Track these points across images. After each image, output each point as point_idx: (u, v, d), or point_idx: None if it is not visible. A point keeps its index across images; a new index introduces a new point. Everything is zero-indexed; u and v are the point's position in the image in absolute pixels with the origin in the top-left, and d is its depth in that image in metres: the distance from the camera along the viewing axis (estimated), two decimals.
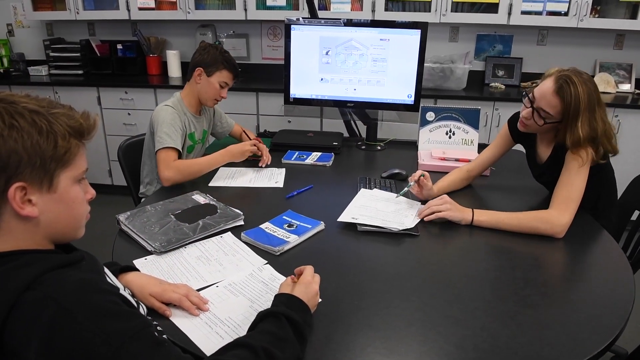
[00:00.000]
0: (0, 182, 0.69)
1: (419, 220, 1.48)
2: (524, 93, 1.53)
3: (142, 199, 2.00)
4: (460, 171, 1.79)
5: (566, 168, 1.47)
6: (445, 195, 1.52)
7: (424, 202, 1.60)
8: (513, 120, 1.74)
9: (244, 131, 2.22)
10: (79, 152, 0.77)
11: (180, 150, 1.82)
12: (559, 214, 1.41)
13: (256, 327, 0.88)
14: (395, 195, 1.59)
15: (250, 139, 2.07)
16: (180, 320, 1.00)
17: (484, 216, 1.46)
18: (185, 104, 1.97)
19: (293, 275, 1.04)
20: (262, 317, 0.89)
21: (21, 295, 0.66)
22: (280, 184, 1.79)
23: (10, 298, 0.66)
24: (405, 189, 1.60)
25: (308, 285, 0.99)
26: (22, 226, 0.73)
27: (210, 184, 1.76)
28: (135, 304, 0.90)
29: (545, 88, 1.44)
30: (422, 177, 1.60)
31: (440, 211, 1.46)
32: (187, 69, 1.99)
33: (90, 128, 0.78)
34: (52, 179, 0.73)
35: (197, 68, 1.92)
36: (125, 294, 0.88)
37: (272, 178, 1.85)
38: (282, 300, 0.94)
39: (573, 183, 1.44)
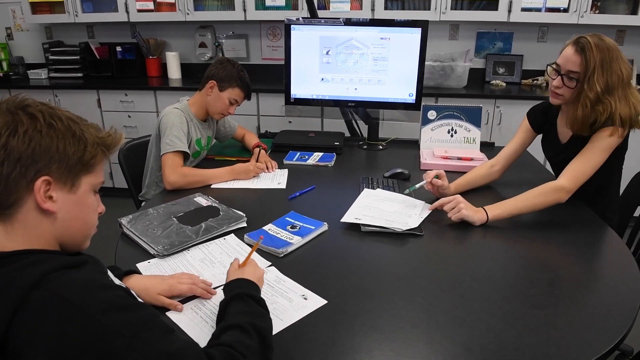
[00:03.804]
0: (30, 173, 0.72)
1: (423, 219, 1.47)
2: (547, 66, 1.60)
3: (142, 202, 2.00)
4: (482, 167, 1.80)
5: (589, 145, 1.51)
6: (458, 196, 1.51)
7: (428, 201, 1.60)
8: (532, 112, 1.80)
9: (258, 147, 2.08)
10: (102, 162, 0.81)
11: (188, 152, 1.82)
12: (565, 182, 1.48)
13: (225, 313, 0.90)
14: (406, 191, 1.60)
15: (256, 144, 2.08)
16: (184, 322, 1.00)
17: (498, 210, 1.48)
18: (192, 111, 1.97)
19: (237, 259, 1.09)
20: (227, 303, 0.92)
21: (28, 294, 0.67)
22: (283, 185, 1.79)
23: (16, 297, 0.66)
24: (416, 186, 1.60)
25: (256, 268, 1.07)
26: (38, 221, 0.75)
27: (212, 186, 1.76)
28: None
29: (567, 53, 1.51)
30: (435, 179, 1.60)
31: (462, 210, 1.45)
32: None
33: (116, 142, 0.83)
34: (75, 181, 0.77)
35: (211, 80, 1.92)
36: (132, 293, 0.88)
37: (275, 179, 1.85)
38: (237, 284, 0.98)
39: (589, 159, 1.49)
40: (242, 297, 0.92)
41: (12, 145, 0.71)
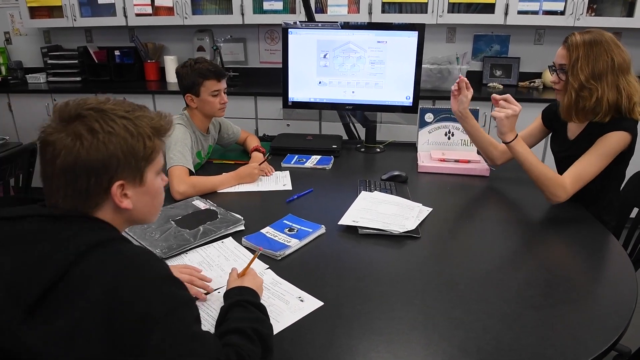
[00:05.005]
0: (105, 181, 0.79)
1: (420, 222, 1.48)
2: (548, 67, 1.69)
3: None
4: (494, 140, 1.87)
5: (594, 147, 1.54)
6: (520, 106, 1.58)
7: (425, 204, 1.60)
8: (546, 108, 1.85)
9: (256, 150, 2.12)
10: (160, 150, 0.86)
11: (193, 170, 1.82)
12: (569, 185, 1.53)
13: (225, 319, 0.91)
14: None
15: (253, 148, 2.10)
16: None
17: (520, 147, 1.58)
18: (195, 123, 1.98)
19: (235, 268, 1.10)
20: (228, 310, 0.93)
21: (92, 249, 0.73)
22: (289, 186, 1.80)
23: (80, 250, 0.72)
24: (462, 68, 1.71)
25: (255, 277, 1.09)
26: (114, 215, 0.83)
27: (218, 190, 1.76)
28: None
29: (558, 50, 1.61)
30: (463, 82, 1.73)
31: (507, 113, 1.56)
32: None
33: (167, 127, 0.87)
34: (142, 175, 0.83)
35: (186, 95, 1.94)
36: None
37: (279, 181, 1.85)
38: (237, 292, 0.99)
39: (592, 164, 1.53)
40: (242, 304, 0.93)
41: (82, 162, 0.76)
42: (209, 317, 1.03)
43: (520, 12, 3.14)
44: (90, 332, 0.69)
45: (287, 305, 1.07)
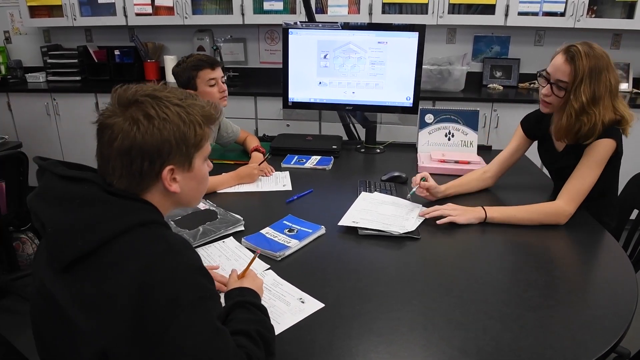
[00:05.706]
0: (157, 165, 0.82)
1: (420, 222, 1.48)
2: (537, 74, 1.60)
3: None
4: (474, 172, 1.80)
5: (583, 160, 1.52)
6: (450, 203, 1.52)
7: (429, 204, 1.60)
8: (525, 119, 1.80)
9: (256, 150, 2.13)
10: (209, 137, 0.90)
11: None
12: (565, 205, 1.49)
13: (228, 319, 0.91)
14: (408, 196, 1.62)
15: (253, 148, 2.09)
16: None
17: (496, 213, 1.50)
18: None
19: (235, 270, 1.12)
20: (230, 310, 0.93)
21: (135, 227, 0.77)
22: (289, 187, 1.80)
23: (125, 226, 0.76)
24: (414, 189, 1.62)
25: (255, 278, 1.10)
26: (162, 198, 0.87)
27: (218, 190, 1.76)
28: None
29: (557, 62, 1.51)
30: (422, 181, 1.60)
31: (450, 215, 1.47)
32: None
33: (217, 116, 0.91)
34: (191, 161, 0.87)
35: (186, 91, 1.93)
36: None
37: (279, 182, 1.86)
38: (237, 293, 0.99)
39: (586, 176, 1.50)
40: (244, 305, 0.93)
41: (138, 145, 0.79)
42: None
43: (520, 14, 3.15)
44: (119, 305, 0.71)
45: (288, 306, 1.07)
